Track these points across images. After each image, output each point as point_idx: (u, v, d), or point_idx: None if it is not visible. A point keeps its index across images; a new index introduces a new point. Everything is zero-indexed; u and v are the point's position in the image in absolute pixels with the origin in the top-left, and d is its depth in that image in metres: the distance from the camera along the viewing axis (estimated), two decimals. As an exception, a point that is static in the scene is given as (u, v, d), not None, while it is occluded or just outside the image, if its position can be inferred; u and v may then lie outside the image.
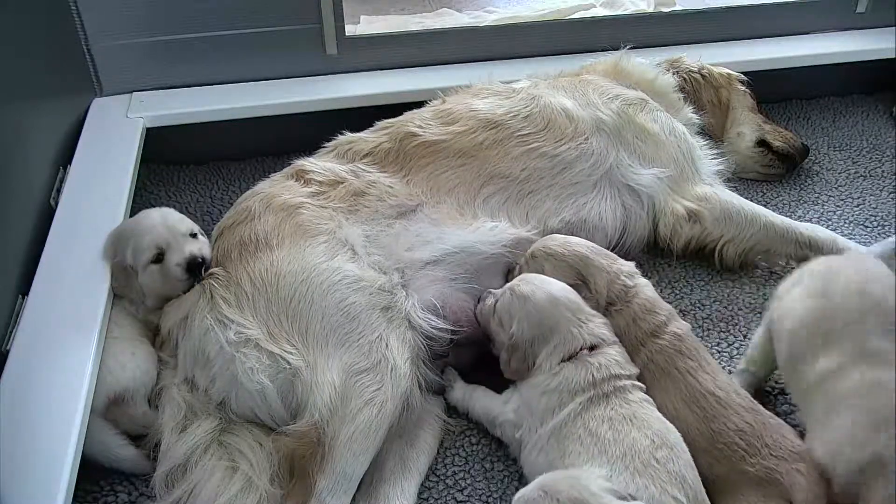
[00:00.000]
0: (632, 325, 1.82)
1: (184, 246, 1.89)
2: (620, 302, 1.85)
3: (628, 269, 1.91)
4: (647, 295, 1.87)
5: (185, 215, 2.00)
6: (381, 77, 2.74)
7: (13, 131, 1.98)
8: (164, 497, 1.66)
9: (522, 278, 1.84)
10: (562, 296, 1.78)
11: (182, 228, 1.92)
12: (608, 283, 1.86)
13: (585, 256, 1.90)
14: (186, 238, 1.91)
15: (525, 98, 2.26)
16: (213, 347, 1.76)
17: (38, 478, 1.50)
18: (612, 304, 1.85)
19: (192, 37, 2.60)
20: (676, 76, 2.56)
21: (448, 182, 2.08)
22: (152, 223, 1.91)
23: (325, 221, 1.93)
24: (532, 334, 1.75)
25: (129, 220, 2.02)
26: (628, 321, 1.82)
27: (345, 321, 1.76)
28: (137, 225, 1.94)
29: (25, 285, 1.88)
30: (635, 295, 1.85)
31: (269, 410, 1.74)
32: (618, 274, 1.88)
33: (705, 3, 3.23)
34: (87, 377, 1.69)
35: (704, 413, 1.66)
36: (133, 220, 1.99)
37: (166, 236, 1.89)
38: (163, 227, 1.90)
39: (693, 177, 2.30)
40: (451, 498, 1.76)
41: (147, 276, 1.89)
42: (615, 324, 1.82)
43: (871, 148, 2.82)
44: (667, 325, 1.81)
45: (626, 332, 1.81)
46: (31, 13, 2.20)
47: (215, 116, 2.60)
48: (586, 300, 1.83)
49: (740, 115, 2.67)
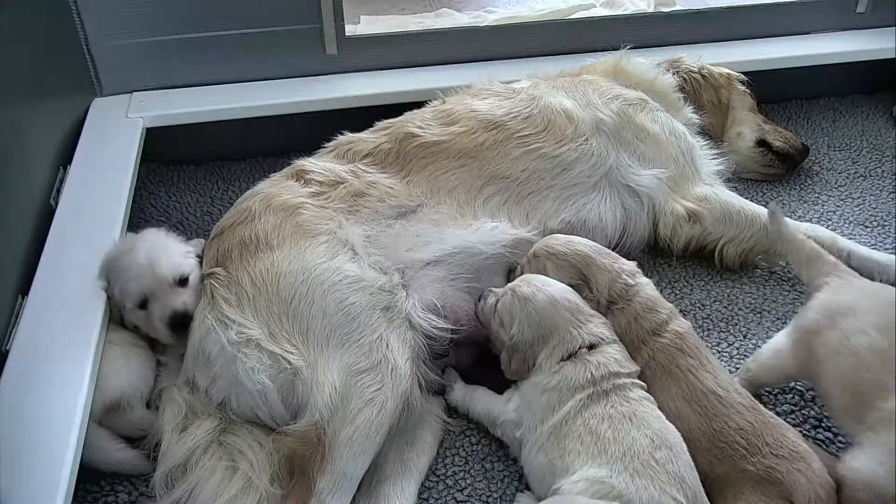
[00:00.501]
0: (633, 324, 1.82)
1: (168, 299, 1.83)
2: (622, 301, 1.84)
3: (630, 269, 1.91)
4: (649, 294, 1.87)
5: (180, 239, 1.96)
6: (381, 77, 2.74)
7: (13, 131, 1.98)
8: (163, 497, 1.66)
9: (524, 279, 1.84)
10: (561, 297, 1.78)
11: (169, 277, 1.84)
12: (609, 282, 1.86)
13: (587, 256, 1.90)
14: (174, 288, 1.85)
15: (525, 98, 2.26)
16: (214, 347, 1.76)
17: (38, 478, 1.49)
18: (614, 303, 1.85)
19: (192, 37, 2.60)
20: (676, 76, 2.56)
21: (448, 182, 2.08)
22: (140, 270, 1.83)
23: (326, 222, 1.92)
24: (532, 336, 1.75)
25: (122, 250, 1.90)
26: (630, 320, 1.82)
27: (345, 321, 1.76)
28: (126, 268, 1.85)
29: (25, 285, 1.88)
30: (636, 294, 1.85)
31: (270, 410, 1.73)
32: (619, 273, 1.88)
33: (705, 3, 3.23)
34: (87, 377, 1.69)
35: (705, 411, 1.66)
36: (124, 255, 1.88)
37: (152, 286, 1.83)
38: (149, 276, 1.83)
39: (693, 177, 2.30)
40: (451, 498, 1.76)
41: (134, 318, 1.87)
42: (617, 322, 1.82)
43: (871, 148, 2.82)
44: (668, 323, 1.81)
45: (627, 330, 1.82)
46: (31, 13, 2.20)
47: (215, 116, 2.60)
48: (587, 300, 1.83)
49: (740, 115, 2.67)
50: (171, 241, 1.94)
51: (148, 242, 1.90)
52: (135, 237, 1.95)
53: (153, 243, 1.90)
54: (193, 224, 2.47)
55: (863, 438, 1.58)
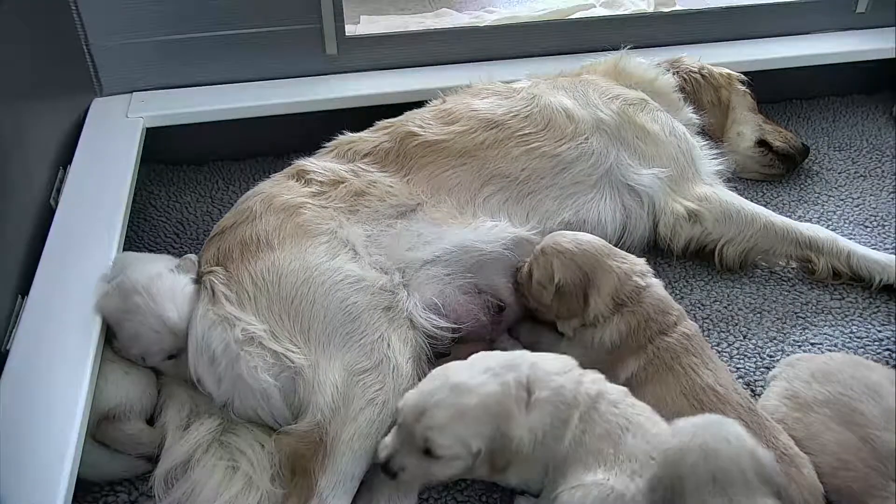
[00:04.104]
0: (643, 326, 1.80)
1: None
2: (632, 303, 1.82)
3: (641, 268, 1.88)
4: (660, 295, 1.86)
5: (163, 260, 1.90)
6: (381, 77, 2.73)
7: (13, 131, 1.98)
8: (164, 497, 1.65)
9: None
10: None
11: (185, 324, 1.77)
12: (617, 285, 1.83)
13: (595, 257, 1.87)
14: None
15: (525, 98, 2.26)
16: (218, 345, 1.75)
17: (38, 478, 1.49)
18: (623, 306, 1.83)
19: (192, 37, 2.60)
20: (676, 76, 2.56)
21: (448, 182, 2.08)
22: (155, 336, 1.75)
23: (327, 221, 1.92)
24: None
25: (123, 311, 1.77)
26: (640, 321, 1.80)
27: (346, 321, 1.76)
28: (139, 335, 1.75)
29: (25, 285, 1.87)
30: (648, 295, 1.84)
31: (272, 410, 1.73)
32: (629, 274, 1.85)
33: (705, 3, 3.23)
34: (87, 377, 1.68)
35: (701, 405, 1.66)
36: (128, 320, 1.76)
37: (174, 343, 1.77)
38: (168, 336, 1.75)
39: (693, 177, 2.30)
40: (451, 498, 1.76)
41: (162, 368, 1.83)
42: (626, 323, 1.81)
43: (871, 148, 2.82)
44: (677, 324, 1.81)
45: (636, 331, 1.80)
46: (31, 13, 2.19)
47: (215, 116, 2.59)
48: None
49: (740, 115, 2.67)
50: (163, 283, 1.79)
51: (146, 295, 1.76)
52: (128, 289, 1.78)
53: (152, 295, 1.76)
54: (193, 224, 2.46)
55: None
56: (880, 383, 1.70)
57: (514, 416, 1.55)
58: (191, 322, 1.79)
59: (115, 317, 1.79)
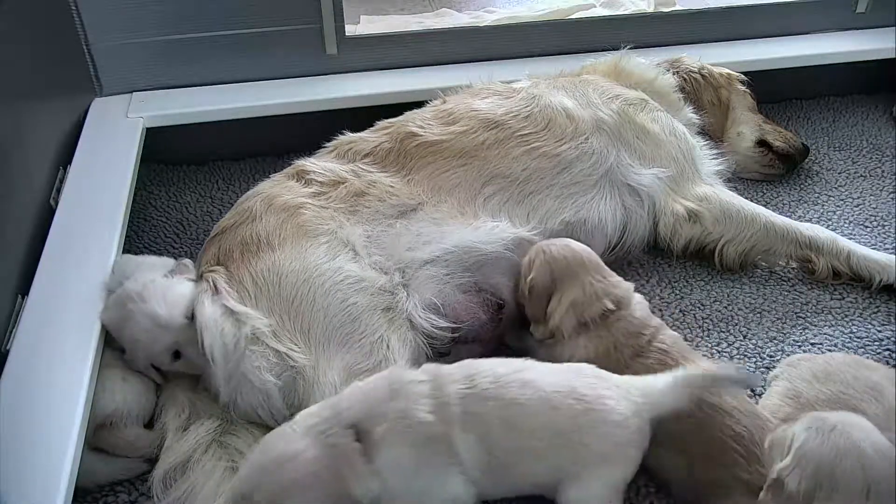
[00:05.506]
0: (612, 351, 1.74)
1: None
2: (597, 326, 1.77)
3: (619, 294, 1.80)
4: (636, 317, 1.78)
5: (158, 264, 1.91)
6: (381, 77, 2.73)
7: (13, 131, 1.98)
8: (162, 497, 1.65)
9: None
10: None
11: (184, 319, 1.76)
12: (578, 301, 1.78)
13: (570, 266, 1.83)
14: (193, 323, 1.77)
15: (525, 98, 2.26)
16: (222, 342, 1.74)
17: (38, 478, 1.49)
18: (587, 327, 1.77)
19: (192, 37, 2.60)
20: (676, 76, 2.56)
21: (449, 182, 2.08)
22: (154, 335, 1.74)
23: (327, 222, 1.92)
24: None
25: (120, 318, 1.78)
26: (609, 347, 1.74)
27: (346, 322, 1.76)
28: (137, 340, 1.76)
29: (25, 285, 1.87)
30: (617, 320, 1.77)
31: (272, 409, 1.73)
32: (598, 295, 1.79)
33: (705, 3, 3.23)
34: (87, 377, 1.68)
35: (696, 420, 1.59)
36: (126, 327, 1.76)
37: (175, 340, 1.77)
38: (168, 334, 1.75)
39: (693, 177, 2.30)
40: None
41: (173, 368, 1.82)
42: (594, 346, 1.75)
43: (871, 148, 2.82)
44: (651, 342, 1.74)
45: (605, 355, 1.73)
46: (31, 13, 2.19)
47: (215, 116, 2.59)
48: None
49: (740, 115, 2.67)
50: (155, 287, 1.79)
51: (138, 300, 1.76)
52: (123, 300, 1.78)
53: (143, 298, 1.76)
54: (193, 224, 2.46)
55: None
56: (881, 383, 1.70)
57: (351, 474, 1.40)
58: (196, 311, 1.76)
59: (116, 327, 1.79)
